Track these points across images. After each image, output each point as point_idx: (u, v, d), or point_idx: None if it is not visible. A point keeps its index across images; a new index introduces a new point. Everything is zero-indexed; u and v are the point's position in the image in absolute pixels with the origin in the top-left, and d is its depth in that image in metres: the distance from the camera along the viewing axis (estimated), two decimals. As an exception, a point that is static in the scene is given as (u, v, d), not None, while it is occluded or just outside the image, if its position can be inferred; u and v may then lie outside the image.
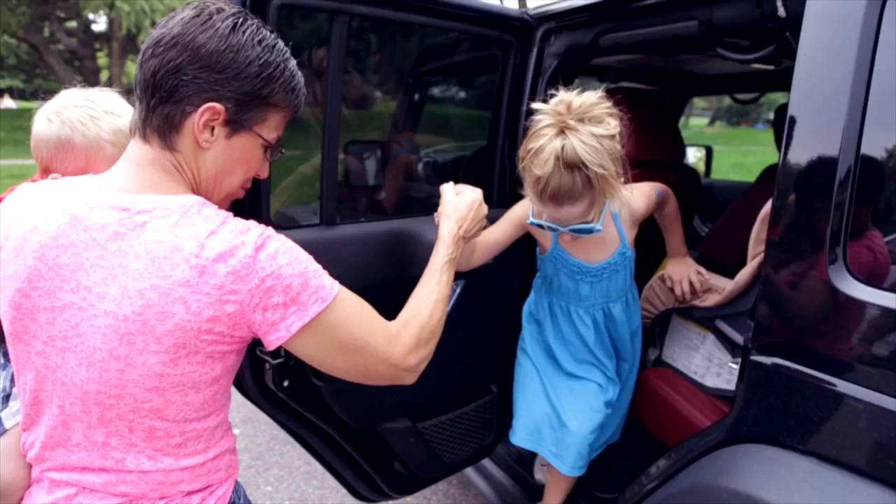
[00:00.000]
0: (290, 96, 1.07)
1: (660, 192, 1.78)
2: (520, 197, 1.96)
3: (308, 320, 1.00)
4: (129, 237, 0.94)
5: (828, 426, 1.18)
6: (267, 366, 1.52)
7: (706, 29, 1.58)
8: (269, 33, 1.04)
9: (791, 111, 1.21)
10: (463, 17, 1.79)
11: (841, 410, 1.16)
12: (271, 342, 1.01)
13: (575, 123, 1.38)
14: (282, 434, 3.55)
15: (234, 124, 1.02)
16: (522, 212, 1.68)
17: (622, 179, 1.48)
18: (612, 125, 1.42)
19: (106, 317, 0.94)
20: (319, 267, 1.05)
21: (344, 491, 2.96)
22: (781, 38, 1.48)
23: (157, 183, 1.01)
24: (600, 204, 1.52)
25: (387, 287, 1.71)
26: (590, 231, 1.53)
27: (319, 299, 1.01)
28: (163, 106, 0.99)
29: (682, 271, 1.93)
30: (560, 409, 1.76)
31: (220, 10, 1.00)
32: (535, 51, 1.99)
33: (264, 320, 0.98)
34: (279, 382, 1.54)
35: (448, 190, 1.50)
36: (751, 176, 4.85)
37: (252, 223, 1.00)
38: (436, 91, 3.13)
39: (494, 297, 2.01)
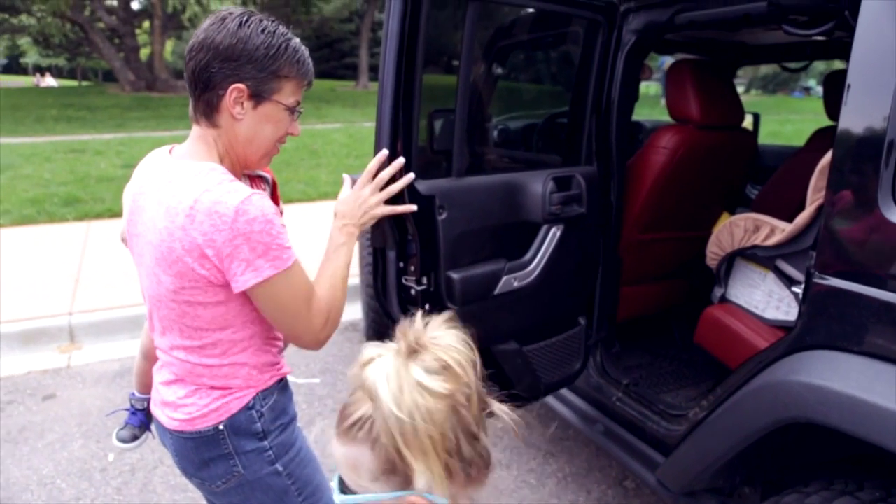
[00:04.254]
0: (296, 66, 1.30)
1: None
2: (604, 153, 2.26)
3: (261, 280, 1.22)
4: (165, 189, 1.25)
5: (878, 331, 1.47)
6: (413, 291, 1.86)
7: (774, 9, 1.85)
8: (270, 23, 1.28)
9: (849, 79, 1.50)
10: (564, 1, 2.11)
11: (889, 317, 1.45)
12: (234, 288, 1.24)
13: (406, 353, 0.82)
14: (361, 381, 3.96)
15: (258, 97, 1.28)
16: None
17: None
18: (449, 388, 0.80)
19: (149, 245, 1.27)
20: (285, 241, 1.25)
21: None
22: (840, 15, 1.70)
23: (197, 153, 1.31)
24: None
25: (503, 228, 2.05)
26: None
27: (274, 266, 1.22)
28: (203, 94, 1.27)
29: None
30: None
31: (230, 13, 1.26)
32: (616, 28, 2.27)
33: (229, 269, 1.21)
34: (422, 305, 1.88)
35: (346, 180, 1.61)
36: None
37: (242, 187, 1.23)
38: (511, 65, 3.40)
39: (585, 241, 2.31)
